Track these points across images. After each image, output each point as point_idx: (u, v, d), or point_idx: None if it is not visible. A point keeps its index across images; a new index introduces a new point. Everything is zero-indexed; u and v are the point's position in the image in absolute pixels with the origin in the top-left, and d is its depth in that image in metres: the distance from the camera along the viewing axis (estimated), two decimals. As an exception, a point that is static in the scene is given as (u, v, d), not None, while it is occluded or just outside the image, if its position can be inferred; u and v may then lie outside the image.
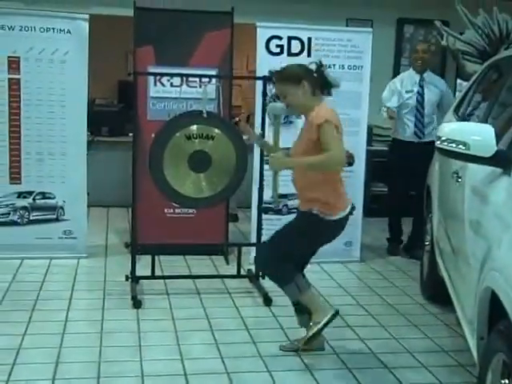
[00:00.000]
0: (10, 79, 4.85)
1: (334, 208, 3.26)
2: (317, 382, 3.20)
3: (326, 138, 3.10)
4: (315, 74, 3.25)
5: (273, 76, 3.37)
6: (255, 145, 3.91)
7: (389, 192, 5.94)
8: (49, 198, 5.04)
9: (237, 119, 7.33)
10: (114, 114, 7.31)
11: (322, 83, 3.25)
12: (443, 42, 6.30)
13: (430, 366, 3.41)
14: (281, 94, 3.28)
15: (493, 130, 2.57)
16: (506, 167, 2.53)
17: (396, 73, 7.38)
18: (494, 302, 2.35)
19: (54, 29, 4.85)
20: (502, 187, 2.53)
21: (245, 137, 4.21)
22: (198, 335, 3.73)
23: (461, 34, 6.38)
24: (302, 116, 3.40)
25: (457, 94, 5.92)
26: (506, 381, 2.21)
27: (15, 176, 4.97)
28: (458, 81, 6.75)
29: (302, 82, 3.19)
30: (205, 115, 4.24)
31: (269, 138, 3.62)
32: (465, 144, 2.58)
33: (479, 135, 2.58)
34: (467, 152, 2.58)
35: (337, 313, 3.43)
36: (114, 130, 7.10)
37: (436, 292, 4.22)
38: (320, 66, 3.27)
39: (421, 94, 5.41)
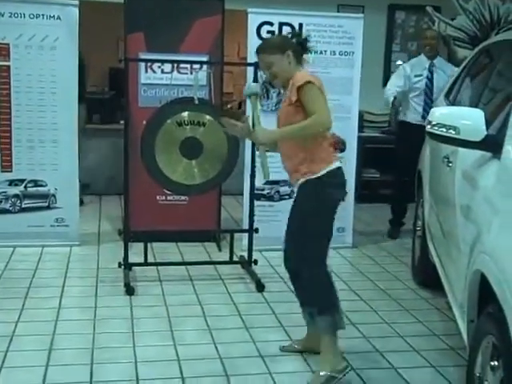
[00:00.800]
0: (-1, 66, 4.83)
1: (321, 162, 3.09)
2: (309, 365, 3.23)
3: (309, 100, 2.98)
4: (295, 42, 3.22)
5: (257, 50, 3.25)
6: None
7: (395, 177, 5.95)
8: (40, 185, 5.03)
9: (229, 106, 7.34)
10: (104, 102, 7.28)
11: (302, 49, 3.21)
12: (434, 28, 6.32)
13: (421, 350, 3.44)
14: (266, 65, 3.18)
15: (483, 114, 2.58)
16: (495, 151, 2.54)
17: (387, 59, 7.40)
18: (483, 285, 2.37)
19: (43, 15, 4.82)
20: (491, 171, 2.55)
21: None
22: (191, 321, 3.75)
23: (452, 19, 6.40)
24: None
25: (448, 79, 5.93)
26: (496, 363, 2.23)
27: (6, 164, 4.95)
28: (452, 66, 6.76)
29: (287, 52, 3.13)
30: (196, 102, 4.24)
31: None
32: (455, 128, 2.59)
33: (469, 119, 2.59)
34: (457, 136, 2.60)
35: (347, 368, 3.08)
36: (105, 118, 7.07)
37: (427, 277, 4.25)
38: (297, 34, 3.27)
39: (430, 79, 5.50)
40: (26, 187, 5.01)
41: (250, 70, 4.57)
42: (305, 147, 3.09)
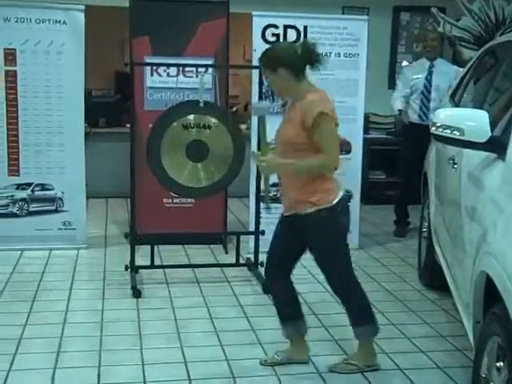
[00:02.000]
0: (6, 71, 4.85)
1: (332, 191, 3.05)
2: (316, 368, 3.24)
3: (324, 137, 2.92)
4: (300, 53, 2.97)
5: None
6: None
7: (399, 178, 5.99)
8: (48, 189, 5.05)
9: (234, 109, 7.35)
10: (110, 105, 7.31)
11: (309, 61, 2.99)
12: (440, 29, 6.33)
13: (428, 351, 3.44)
14: (264, 77, 3.16)
15: (487, 115, 2.59)
16: (500, 152, 2.54)
17: (393, 60, 7.40)
18: (489, 286, 2.37)
19: (49, 20, 4.84)
20: (496, 172, 2.55)
21: (243, 126, 4.17)
22: (198, 323, 3.76)
23: (457, 20, 6.40)
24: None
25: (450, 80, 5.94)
26: (501, 363, 2.23)
27: (13, 168, 4.98)
28: (455, 67, 6.76)
29: (278, 70, 2.96)
30: (201, 105, 4.25)
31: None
32: (459, 130, 2.60)
33: (474, 121, 2.60)
34: (462, 138, 2.61)
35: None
36: (111, 121, 7.10)
37: (434, 278, 4.24)
38: (307, 44, 3.04)
39: (428, 80, 5.56)
40: (33, 191, 5.04)
41: (256, 73, 4.59)
42: (313, 179, 3.04)
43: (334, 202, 3.04)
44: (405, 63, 7.12)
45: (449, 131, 2.65)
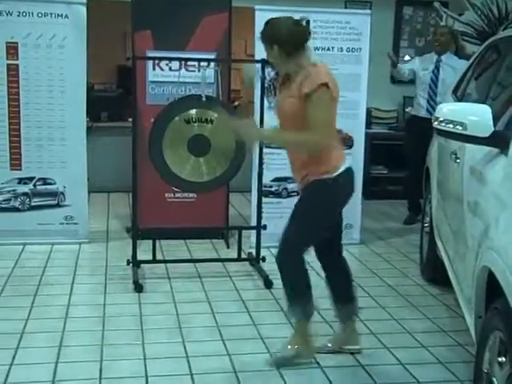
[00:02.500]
0: (8, 65, 4.85)
1: (336, 161, 3.05)
2: (318, 363, 3.24)
3: (315, 113, 2.88)
4: (293, 32, 3.00)
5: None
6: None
7: (406, 173, 5.98)
8: (49, 183, 5.05)
9: (236, 103, 7.35)
10: (112, 100, 7.31)
11: (302, 40, 3.02)
12: (442, 23, 6.31)
13: (429, 346, 3.44)
14: (265, 52, 3.15)
15: (490, 110, 2.58)
16: (502, 147, 2.54)
17: (395, 55, 7.35)
18: (491, 281, 2.37)
19: (51, 14, 4.83)
20: (499, 167, 2.55)
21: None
22: (199, 318, 3.76)
23: (460, 14, 6.38)
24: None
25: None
26: (503, 358, 2.23)
27: (15, 162, 4.98)
28: (463, 62, 6.76)
29: (273, 46, 3.01)
30: (203, 99, 4.25)
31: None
32: (462, 124, 2.59)
33: (476, 115, 2.59)
34: (465, 132, 2.60)
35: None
36: (113, 116, 7.10)
37: (436, 273, 4.24)
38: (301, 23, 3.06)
39: (435, 74, 5.63)
40: (35, 185, 5.04)
41: (258, 67, 4.57)
42: (318, 156, 3.02)
43: (335, 175, 3.03)
44: (407, 58, 7.10)
45: (451, 126, 2.64)
